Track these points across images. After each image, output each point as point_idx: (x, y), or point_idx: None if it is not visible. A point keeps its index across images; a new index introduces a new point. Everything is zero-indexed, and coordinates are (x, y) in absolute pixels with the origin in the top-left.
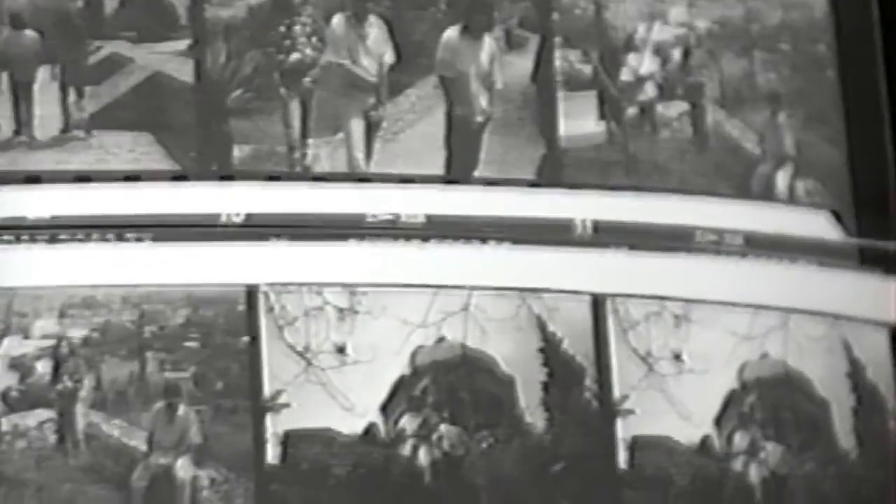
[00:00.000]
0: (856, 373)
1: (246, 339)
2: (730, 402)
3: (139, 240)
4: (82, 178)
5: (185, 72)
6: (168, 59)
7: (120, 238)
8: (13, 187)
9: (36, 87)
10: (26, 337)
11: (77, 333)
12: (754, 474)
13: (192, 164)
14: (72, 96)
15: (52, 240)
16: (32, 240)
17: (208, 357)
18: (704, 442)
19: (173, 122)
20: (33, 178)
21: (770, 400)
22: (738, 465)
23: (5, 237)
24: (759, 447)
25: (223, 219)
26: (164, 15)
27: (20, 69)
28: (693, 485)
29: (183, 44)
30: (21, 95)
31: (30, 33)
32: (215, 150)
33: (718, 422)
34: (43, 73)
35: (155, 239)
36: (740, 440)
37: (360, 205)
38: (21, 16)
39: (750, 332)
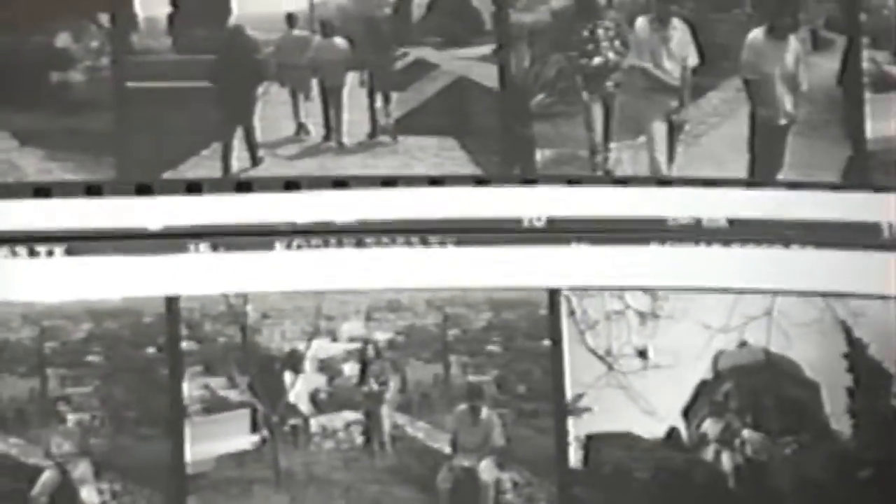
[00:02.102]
0: None
1: (547, 342)
2: None
3: (443, 243)
4: (388, 182)
5: (489, 76)
6: (472, 63)
7: (424, 241)
8: (322, 191)
9: (345, 92)
10: (334, 339)
11: (383, 336)
12: None
13: (494, 168)
14: (379, 102)
15: (359, 243)
16: (340, 243)
17: (511, 360)
18: None
19: (477, 127)
20: (341, 183)
21: None
22: None
23: (314, 241)
24: None
25: (525, 222)
26: (470, 20)
27: (330, 75)
28: None
29: (487, 48)
30: (330, 101)
31: (339, 40)
32: (518, 153)
33: None
34: (352, 79)
35: (458, 242)
36: None
37: (661, 208)
38: (331, 23)
39: None
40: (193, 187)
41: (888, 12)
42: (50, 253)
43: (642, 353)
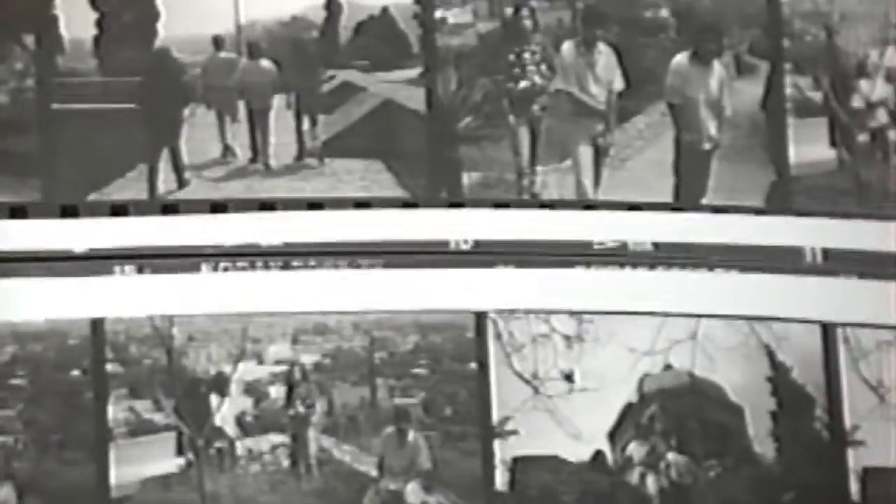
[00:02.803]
0: None
1: (474, 365)
2: None
3: (370, 266)
4: (315, 205)
5: (415, 100)
6: (399, 87)
7: (351, 264)
8: (248, 214)
9: (272, 115)
10: (260, 362)
11: (309, 359)
12: None
13: (421, 191)
14: (306, 124)
15: (285, 266)
16: (266, 266)
17: (437, 383)
18: None
19: (404, 150)
20: (267, 205)
21: None
22: None
23: (240, 263)
24: None
25: (452, 245)
26: (397, 44)
27: (257, 98)
28: None
29: (414, 72)
30: (257, 123)
31: (266, 63)
32: (445, 177)
33: None
34: (278, 102)
35: (385, 265)
36: None
37: (587, 231)
38: (258, 46)
39: None
40: (119, 209)
41: (811, 39)
42: None
43: (568, 377)
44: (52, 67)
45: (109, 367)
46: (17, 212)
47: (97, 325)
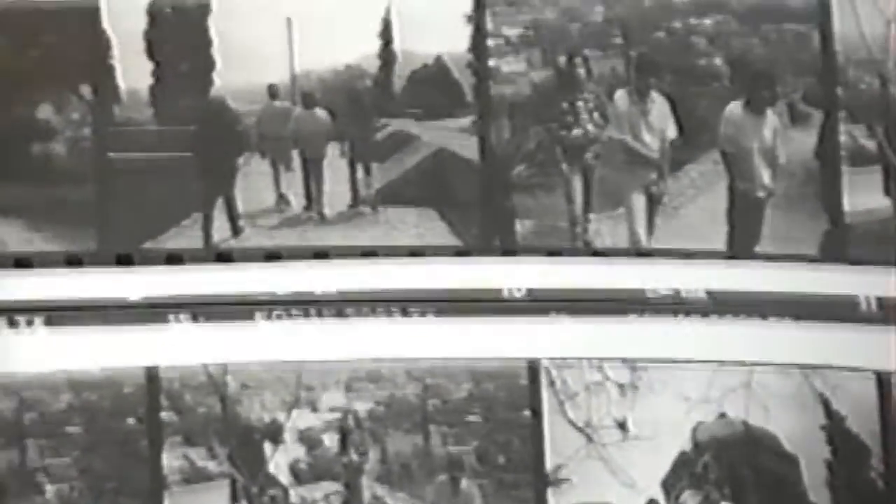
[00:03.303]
0: None
1: (527, 413)
2: None
3: (423, 314)
4: (368, 253)
5: (469, 148)
6: (453, 135)
7: (404, 312)
8: (302, 262)
9: (326, 164)
10: (314, 410)
11: (363, 407)
12: None
13: (475, 240)
14: (360, 173)
15: (340, 314)
16: (320, 314)
17: (491, 431)
18: None
19: (457, 198)
20: (321, 254)
21: None
22: None
23: (294, 312)
24: None
25: (505, 294)
26: (450, 92)
27: (311, 147)
28: None
29: (468, 120)
30: (311, 172)
31: (320, 112)
32: (498, 225)
33: None
34: (332, 151)
35: (438, 313)
36: None
37: (641, 280)
38: (313, 95)
39: None
40: (174, 258)
41: (865, 87)
42: (30, 323)
43: (622, 425)
44: (109, 117)
45: (164, 415)
46: (73, 260)
47: (152, 373)
